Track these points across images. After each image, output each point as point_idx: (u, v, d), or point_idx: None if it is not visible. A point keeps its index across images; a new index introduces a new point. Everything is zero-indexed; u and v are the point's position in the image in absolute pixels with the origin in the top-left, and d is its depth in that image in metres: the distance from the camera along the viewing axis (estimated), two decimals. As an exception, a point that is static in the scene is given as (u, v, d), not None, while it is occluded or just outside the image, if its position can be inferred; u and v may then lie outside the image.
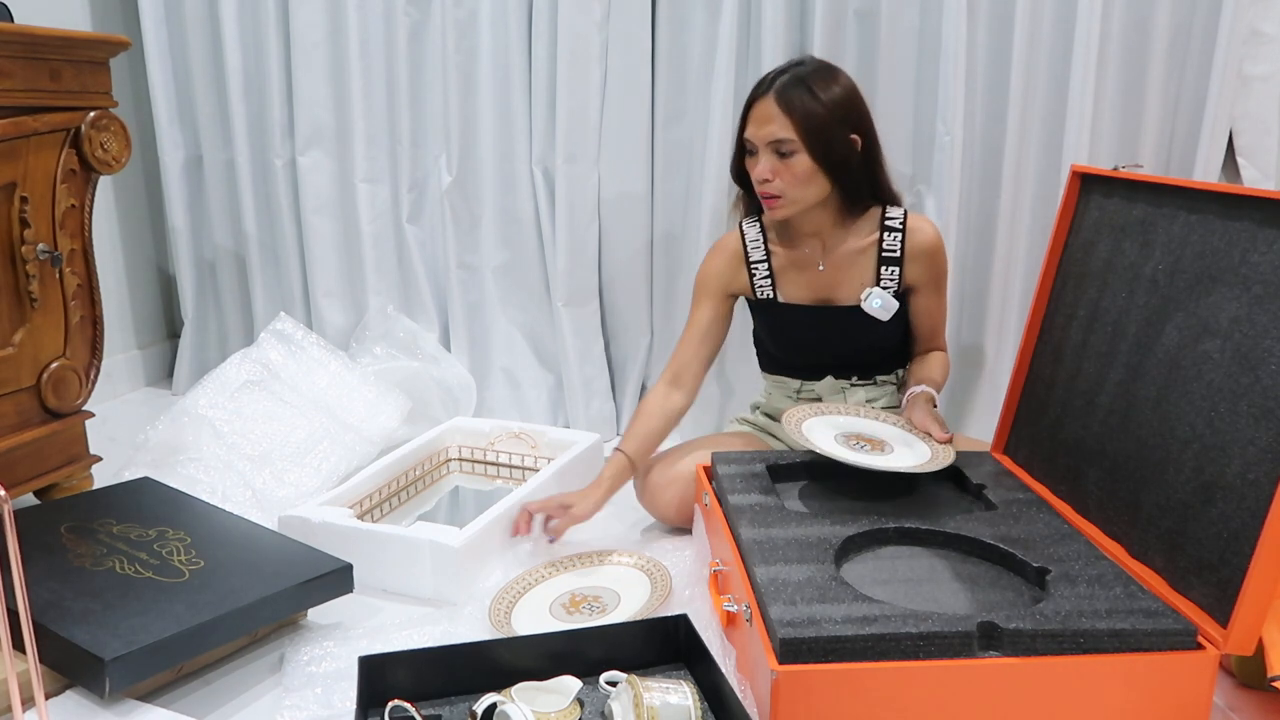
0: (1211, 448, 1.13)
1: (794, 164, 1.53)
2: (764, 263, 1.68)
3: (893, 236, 1.63)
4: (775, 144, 1.53)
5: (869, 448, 1.48)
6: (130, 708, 1.19)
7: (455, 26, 2.14)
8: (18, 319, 1.59)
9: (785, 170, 1.54)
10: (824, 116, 1.52)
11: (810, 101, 1.51)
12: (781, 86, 1.53)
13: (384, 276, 2.37)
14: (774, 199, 1.56)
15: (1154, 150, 1.93)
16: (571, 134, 2.12)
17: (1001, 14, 1.90)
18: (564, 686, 1.15)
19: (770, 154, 1.54)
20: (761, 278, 1.68)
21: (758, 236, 1.69)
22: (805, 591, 1.13)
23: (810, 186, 1.56)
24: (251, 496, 1.72)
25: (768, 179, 1.55)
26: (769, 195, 1.56)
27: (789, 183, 1.54)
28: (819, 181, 1.56)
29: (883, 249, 1.63)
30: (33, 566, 1.29)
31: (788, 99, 1.51)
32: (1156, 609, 1.09)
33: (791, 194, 1.55)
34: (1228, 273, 1.17)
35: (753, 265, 1.68)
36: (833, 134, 1.53)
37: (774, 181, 1.55)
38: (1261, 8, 1.82)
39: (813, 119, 1.51)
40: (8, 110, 1.50)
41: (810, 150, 1.52)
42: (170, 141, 2.42)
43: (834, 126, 1.53)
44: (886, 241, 1.63)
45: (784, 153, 1.53)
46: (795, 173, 1.54)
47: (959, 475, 1.50)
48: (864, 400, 1.69)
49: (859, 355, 1.69)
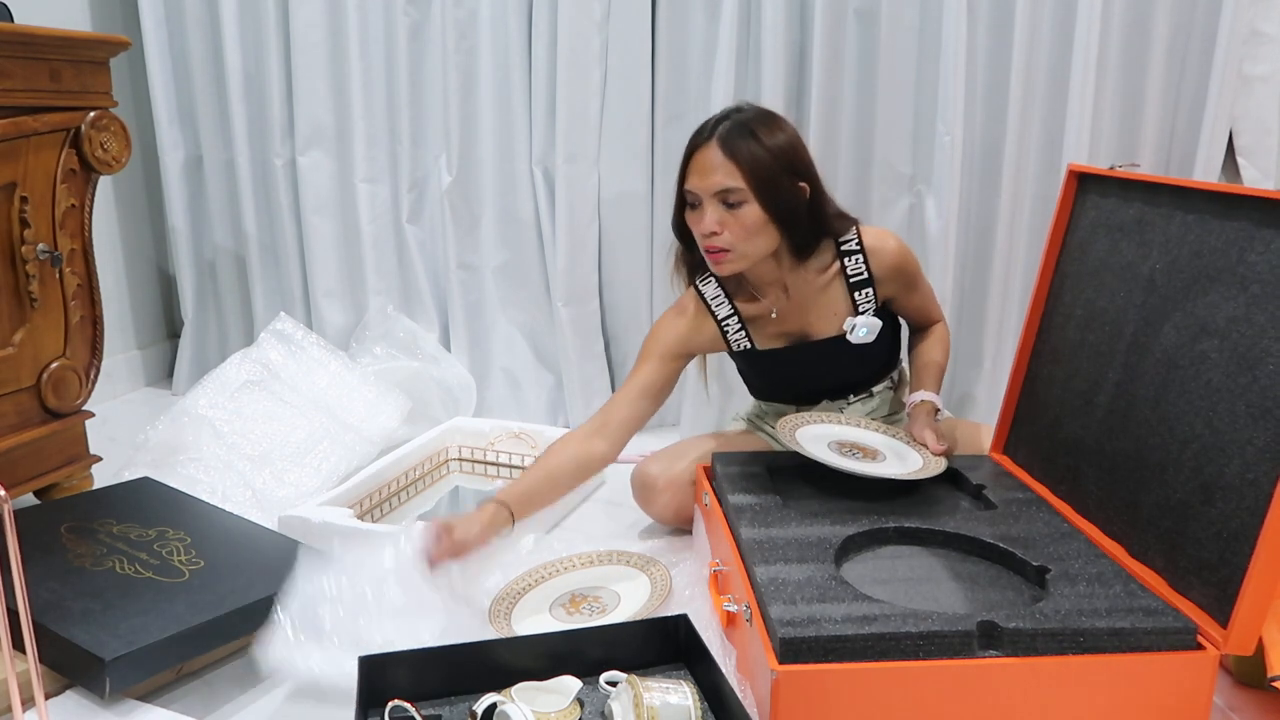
0: (1210, 447, 1.13)
1: (743, 215, 1.43)
2: (733, 316, 1.59)
3: (854, 260, 1.56)
4: (722, 194, 1.42)
5: (861, 455, 1.47)
6: (130, 708, 1.19)
7: (455, 26, 2.14)
8: (18, 319, 1.59)
9: (733, 222, 1.43)
10: (771, 164, 1.42)
11: (756, 148, 1.41)
12: (725, 133, 1.43)
13: (384, 276, 2.37)
14: (721, 253, 1.45)
15: (1154, 150, 1.93)
16: (571, 134, 2.12)
17: (1001, 14, 1.91)
18: (564, 686, 1.15)
19: (716, 205, 1.43)
20: (735, 332, 1.60)
21: (717, 292, 1.59)
22: (805, 591, 1.13)
23: (759, 238, 1.46)
24: (251, 496, 1.72)
25: (715, 231, 1.44)
26: (715, 249, 1.45)
27: (738, 235, 1.44)
28: (768, 232, 1.46)
29: (849, 275, 1.56)
30: (33, 566, 1.29)
31: (733, 146, 1.41)
32: (1156, 608, 1.09)
33: (741, 247, 1.45)
34: (1225, 272, 1.17)
35: (723, 322, 1.60)
36: (780, 182, 1.44)
37: (722, 234, 1.44)
38: (1261, 8, 1.82)
39: (760, 167, 1.41)
40: (8, 110, 1.50)
41: (760, 199, 1.43)
42: (170, 141, 2.42)
43: (781, 174, 1.44)
44: (849, 266, 1.56)
45: (731, 203, 1.43)
46: (745, 224, 1.43)
47: (958, 475, 1.50)
48: (863, 413, 1.69)
49: (849, 376, 1.67)
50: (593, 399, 2.24)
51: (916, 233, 2.03)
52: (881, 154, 2.03)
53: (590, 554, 1.56)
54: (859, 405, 1.69)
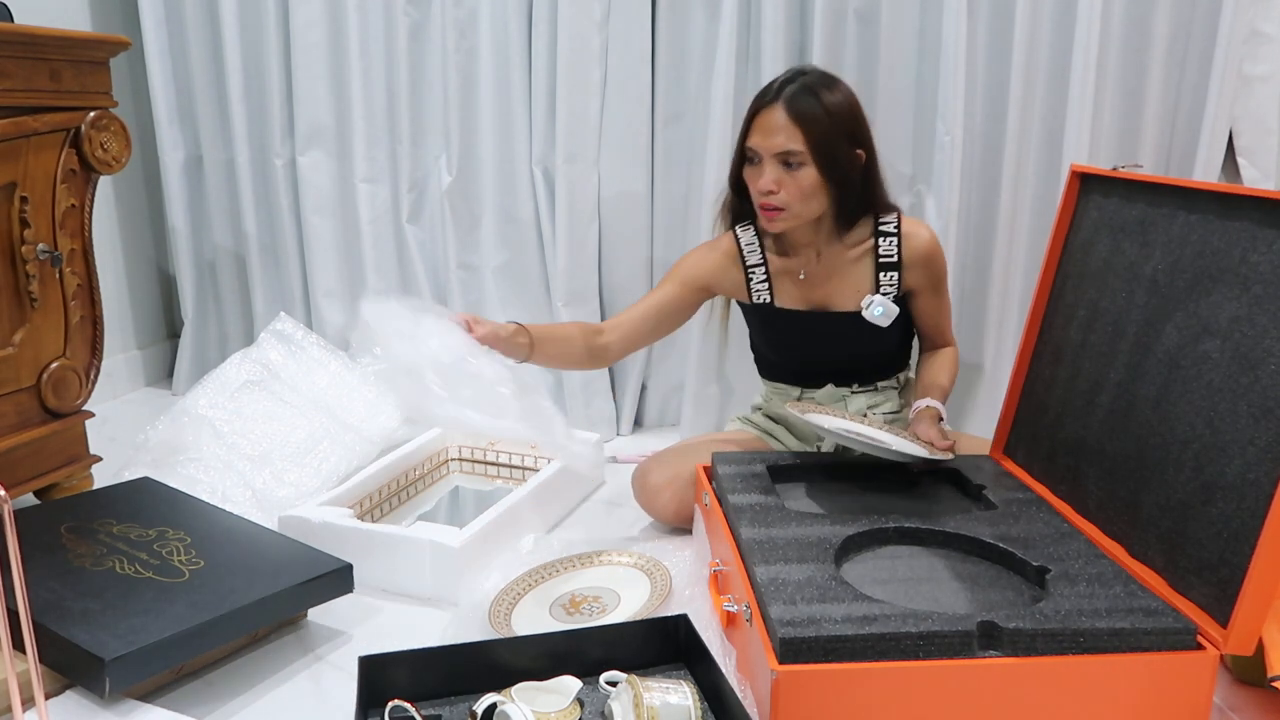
0: (1211, 447, 1.13)
1: (800, 176, 1.50)
2: (761, 266, 1.65)
3: (888, 241, 1.61)
4: (783, 155, 1.49)
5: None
6: (130, 708, 1.19)
7: (455, 26, 2.14)
8: (18, 319, 1.59)
9: (791, 182, 1.50)
10: (832, 130, 1.49)
11: (820, 113, 1.48)
12: (791, 96, 1.48)
13: (384, 276, 2.37)
14: (775, 211, 1.52)
15: (1154, 150, 1.93)
16: (571, 134, 2.12)
17: (1001, 14, 1.91)
18: (564, 686, 1.15)
19: (776, 165, 1.50)
20: (759, 282, 1.65)
21: (753, 241, 1.66)
22: (805, 591, 1.13)
23: (813, 200, 1.53)
24: (251, 496, 1.72)
25: (772, 190, 1.51)
26: (770, 207, 1.52)
27: (793, 195, 1.51)
28: (822, 195, 1.53)
29: (879, 255, 1.61)
30: (33, 566, 1.29)
31: (798, 109, 1.48)
32: (1156, 608, 1.09)
33: (795, 207, 1.52)
34: (1227, 273, 1.17)
35: (750, 269, 1.66)
36: (839, 147, 1.50)
37: (778, 194, 1.51)
38: (1261, 8, 1.82)
39: (822, 132, 1.48)
40: (8, 110, 1.50)
41: (818, 163, 1.49)
42: (170, 141, 2.42)
43: (841, 140, 1.50)
44: (883, 247, 1.61)
45: (791, 164, 1.50)
46: (801, 185, 1.50)
47: (959, 475, 1.50)
48: (865, 406, 1.69)
49: (857, 361, 1.68)
50: (593, 399, 2.23)
51: (917, 233, 2.03)
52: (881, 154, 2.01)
53: (590, 554, 1.56)
54: (863, 398, 1.69)
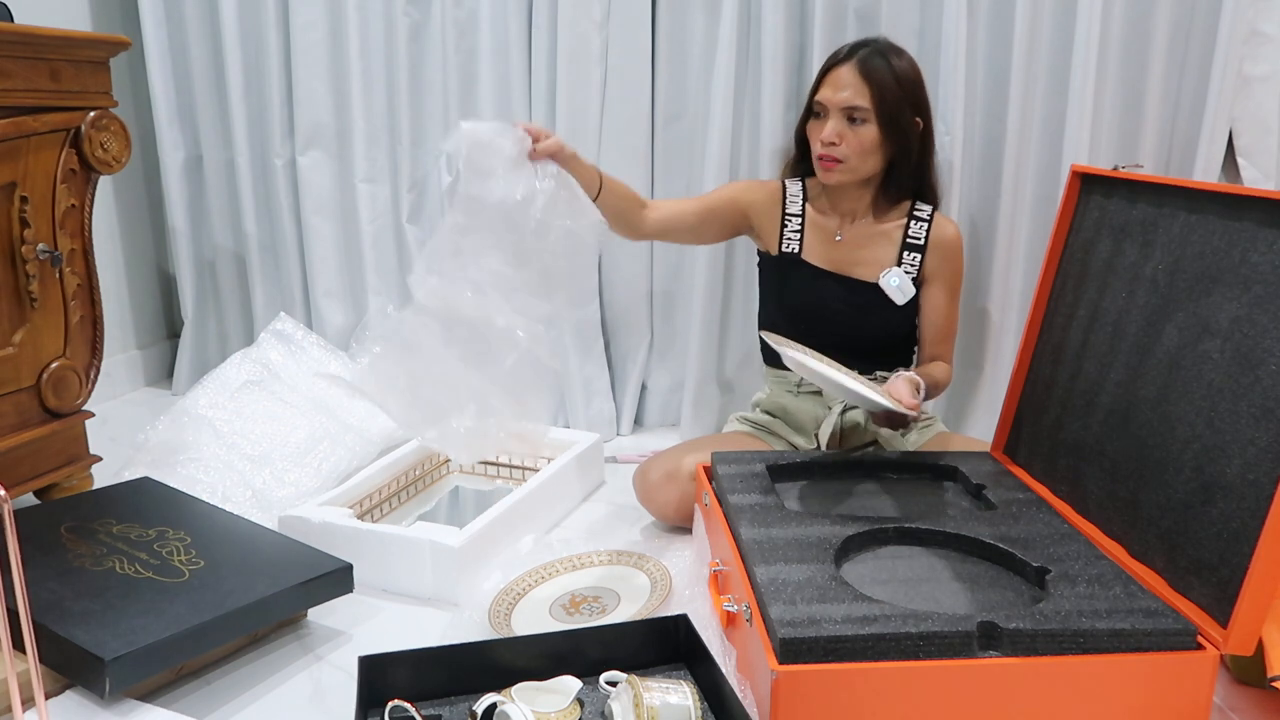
0: (1211, 448, 1.13)
1: (862, 132, 1.59)
2: (798, 216, 1.72)
3: (919, 225, 1.69)
4: (849, 110, 1.58)
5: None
6: (130, 708, 1.19)
7: (455, 26, 2.14)
8: (18, 319, 1.59)
9: (852, 137, 1.59)
10: (898, 92, 1.58)
11: (889, 76, 1.57)
12: (864, 56, 1.58)
13: (384, 276, 2.37)
14: (834, 162, 1.61)
15: (1154, 150, 1.93)
16: (571, 134, 2.12)
17: (1001, 14, 1.90)
18: (564, 686, 1.15)
19: (841, 118, 1.59)
20: (792, 230, 1.72)
21: (798, 193, 1.74)
22: (805, 591, 1.13)
23: (870, 158, 1.61)
24: (251, 496, 1.72)
25: (834, 142, 1.59)
26: (829, 158, 1.61)
27: (853, 149, 1.59)
28: (878, 155, 1.62)
29: (908, 235, 1.69)
30: (33, 566, 1.29)
31: (868, 68, 1.57)
32: (1156, 609, 1.09)
33: (852, 161, 1.61)
34: (1228, 273, 1.17)
35: (787, 216, 1.73)
36: (902, 111, 1.59)
37: (840, 146, 1.59)
38: (1261, 8, 1.82)
39: (888, 92, 1.57)
40: (8, 110, 1.50)
41: (880, 122, 1.58)
42: (170, 141, 2.41)
43: (904, 104, 1.59)
44: (912, 229, 1.69)
45: (855, 120, 1.58)
46: (862, 140, 1.59)
47: (959, 475, 1.50)
48: None
49: (861, 337, 1.69)
50: (593, 399, 2.23)
51: (917, 233, 2.03)
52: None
53: (590, 554, 1.56)
54: None
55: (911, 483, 1.52)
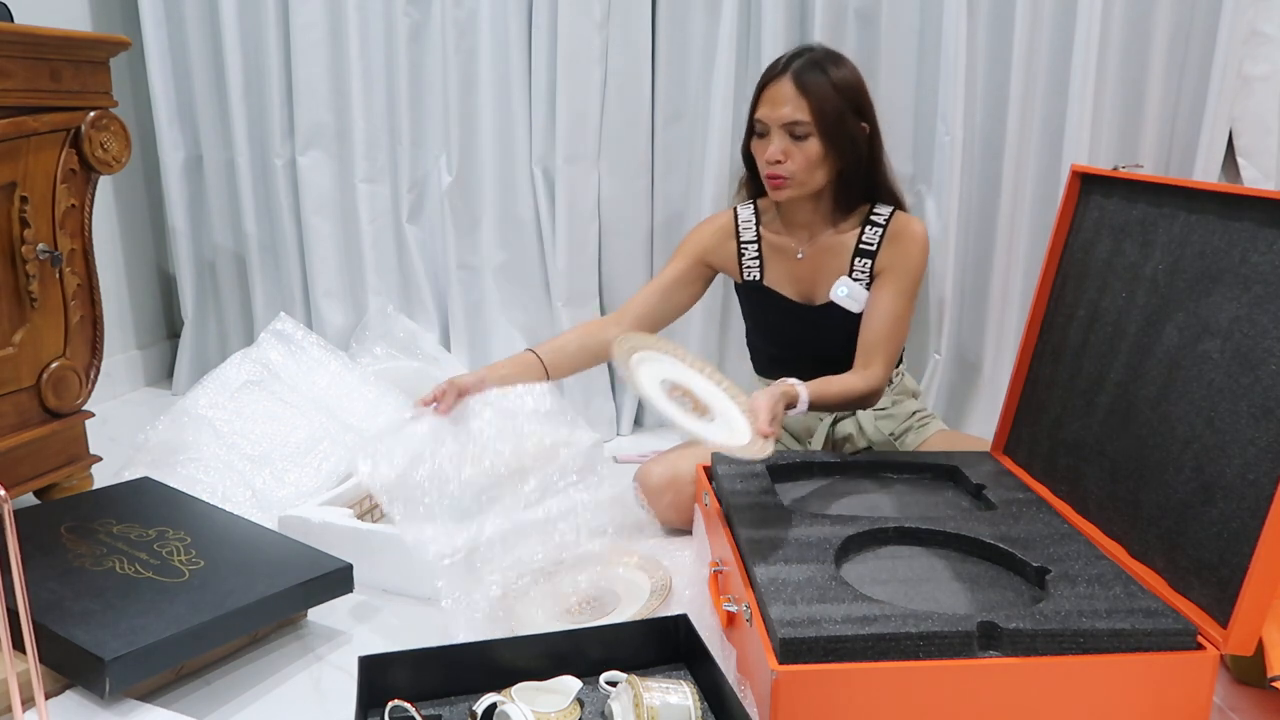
0: (1211, 448, 1.13)
1: (806, 147, 1.55)
2: (754, 244, 1.70)
3: (873, 230, 1.63)
4: (790, 126, 1.54)
5: (690, 406, 1.37)
6: (130, 708, 1.19)
7: (455, 26, 2.14)
8: (18, 319, 1.59)
9: (797, 152, 1.55)
10: (838, 102, 1.54)
11: (826, 86, 1.53)
12: (799, 69, 1.54)
13: (384, 276, 2.37)
14: (781, 179, 1.57)
15: (1154, 150, 1.93)
16: (571, 134, 2.12)
17: (1001, 14, 1.91)
18: (564, 686, 1.15)
19: (783, 135, 1.55)
20: (750, 258, 1.70)
21: (750, 218, 1.71)
22: (805, 591, 1.13)
23: (817, 171, 1.58)
24: (251, 496, 1.72)
25: (779, 160, 1.56)
26: (777, 176, 1.57)
27: (800, 165, 1.56)
28: (825, 167, 1.58)
29: (861, 241, 1.64)
30: (33, 566, 1.29)
31: (804, 81, 1.53)
32: (1156, 609, 1.09)
33: (800, 176, 1.57)
34: (1228, 273, 1.17)
35: (743, 245, 1.71)
36: (845, 119, 1.55)
37: (785, 163, 1.56)
38: (1261, 8, 1.82)
39: (827, 103, 1.53)
40: (8, 110, 1.50)
41: (823, 133, 1.54)
42: (170, 141, 2.42)
43: (846, 113, 1.55)
44: (866, 235, 1.64)
45: (798, 135, 1.55)
46: (807, 155, 1.55)
47: (959, 475, 1.50)
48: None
49: (839, 351, 1.68)
50: (593, 399, 2.24)
51: (917, 233, 2.03)
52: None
53: (590, 554, 1.56)
54: None
55: (911, 483, 1.52)
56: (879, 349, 1.61)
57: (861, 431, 1.71)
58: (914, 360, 2.07)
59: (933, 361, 2.06)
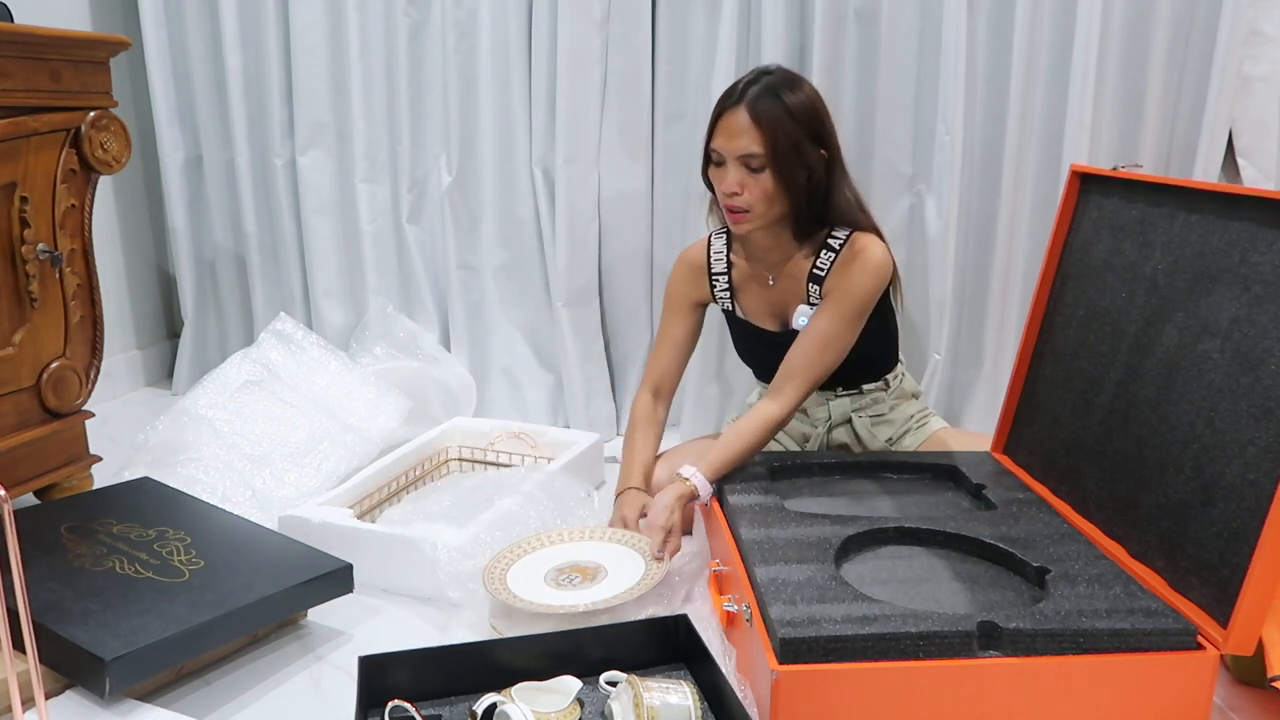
0: (1211, 448, 1.13)
1: (763, 179, 1.48)
2: (724, 275, 1.67)
3: (827, 255, 1.57)
4: (745, 158, 1.47)
5: (580, 579, 1.42)
6: (130, 708, 1.19)
7: (455, 26, 2.14)
8: (18, 319, 1.59)
9: (754, 184, 1.48)
10: (794, 132, 1.46)
11: (783, 115, 1.46)
12: (754, 98, 1.46)
13: (384, 276, 2.37)
14: (740, 213, 1.50)
15: (1154, 150, 1.93)
16: (571, 134, 2.12)
17: (1001, 14, 1.90)
18: (564, 686, 1.15)
19: (739, 167, 1.48)
20: (721, 290, 1.68)
21: (722, 249, 1.67)
22: (805, 591, 1.13)
23: (776, 203, 1.51)
24: (251, 496, 1.72)
25: (736, 192, 1.49)
26: (736, 209, 1.50)
27: (757, 197, 1.49)
28: (784, 197, 1.51)
29: (814, 266, 1.58)
30: (33, 566, 1.29)
31: (759, 112, 1.45)
32: (1156, 609, 1.09)
33: (758, 208, 1.50)
34: (1227, 273, 1.17)
35: (714, 277, 1.68)
36: (802, 149, 1.48)
37: (742, 195, 1.49)
38: (1261, 8, 1.82)
39: (782, 134, 1.45)
40: (8, 110, 1.50)
41: (779, 165, 1.47)
42: (170, 141, 2.42)
43: (804, 142, 1.48)
44: (820, 259, 1.57)
45: (753, 167, 1.47)
46: (765, 187, 1.48)
47: (959, 475, 1.50)
48: (850, 410, 1.69)
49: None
50: (593, 399, 2.23)
51: (917, 233, 2.03)
52: (881, 154, 2.02)
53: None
54: (847, 400, 1.69)
55: (911, 483, 1.52)
56: (796, 375, 1.54)
57: (858, 439, 1.71)
58: (914, 360, 2.07)
59: (933, 361, 2.06)
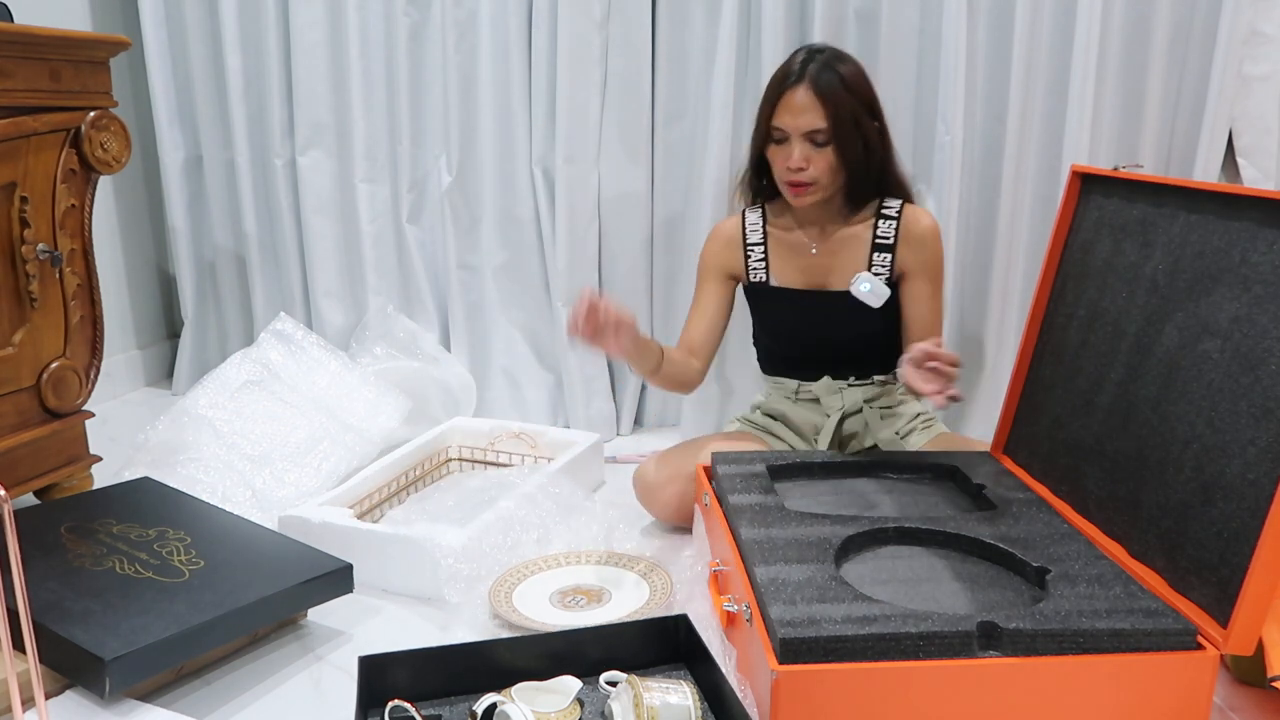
0: (1211, 448, 1.13)
1: (826, 153, 1.56)
2: (760, 245, 1.70)
3: (887, 224, 1.65)
4: (811, 134, 1.54)
5: (585, 600, 1.45)
6: (130, 708, 1.19)
7: (455, 26, 2.14)
8: (18, 319, 1.59)
9: (819, 158, 1.56)
10: (853, 105, 1.55)
11: (843, 90, 1.54)
12: (815, 75, 1.54)
13: (384, 276, 2.37)
14: (805, 186, 1.58)
15: (1154, 150, 1.93)
16: (571, 134, 2.12)
17: (1001, 14, 1.91)
18: (564, 686, 1.15)
19: (804, 143, 1.55)
20: (756, 260, 1.70)
21: (758, 221, 1.71)
22: (805, 591, 1.13)
23: (839, 174, 1.59)
24: (251, 496, 1.72)
25: (802, 168, 1.56)
26: (800, 183, 1.57)
27: (822, 170, 1.56)
28: (845, 169, 1.59)
29: (877, 235, 1.65)
30: (33, 566, 1.29)
31: (822, 87, 1.53)
32: (1156, 609, 1.09)
33: (824, 180, 1.57)
34: (1228, 273, 1.17)
35: (749, 248, 1.71)
36: (860, 122, 1.56)
37: (808, 170, 1.56)
38: (1261, 8, 1.82)
39: (844, 108, 1.54)
40: (8, 110, 1.50)
41: (843, 137, 1.55)
42: (170, 141, 2.42)
43: (861, 114, 1.56)
44: (881, 229, 1.65)
45: (819, 142, 1.55)
46: (829, 160, 1.56)
47: (959, 475, 1.50)
48: (861, 400, 1.69)
49: (848, 345, 1.69)
50: (593, 399, 2.24)
51: (917, 233, 2.03)
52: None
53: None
54: (859, 391, 1.70)
55: (911, 483, 1.52)
56: (935, 328, 1.68)
57: (868, 429, 1.71)
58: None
59: (933, 361, 2.06)
